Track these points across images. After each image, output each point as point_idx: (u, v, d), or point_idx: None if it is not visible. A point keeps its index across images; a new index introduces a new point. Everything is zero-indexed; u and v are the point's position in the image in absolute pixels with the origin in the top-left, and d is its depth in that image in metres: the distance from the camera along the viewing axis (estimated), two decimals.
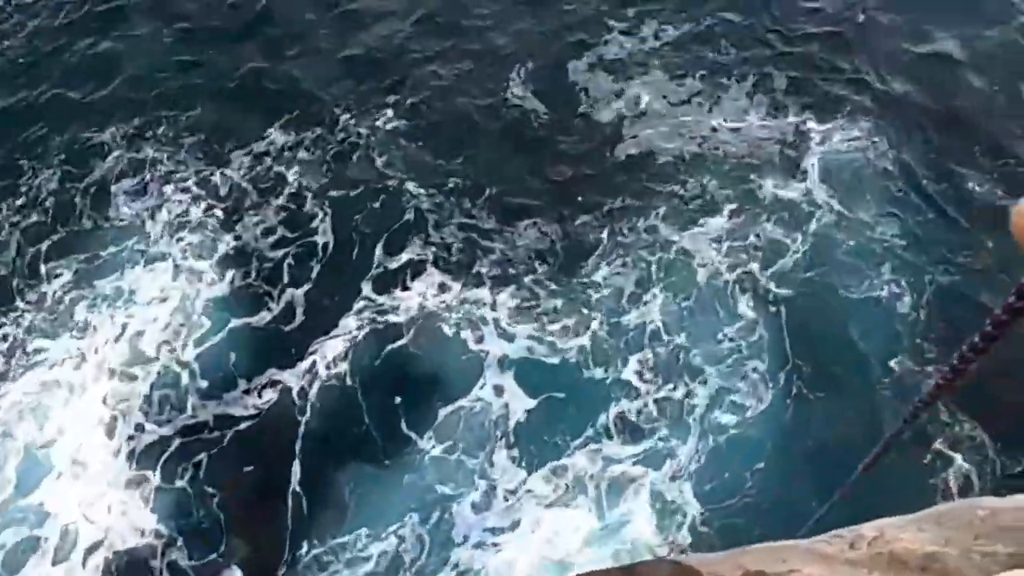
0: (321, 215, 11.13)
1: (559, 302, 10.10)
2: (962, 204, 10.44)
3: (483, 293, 10.28)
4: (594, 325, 9.86)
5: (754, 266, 10.20)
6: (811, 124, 11.50)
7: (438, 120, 11.99)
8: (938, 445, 8.61)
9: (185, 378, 9.80)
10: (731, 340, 9.63)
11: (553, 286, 10.28)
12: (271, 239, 10.95)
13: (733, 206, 10.80)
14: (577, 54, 12.60)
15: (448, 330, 9.97)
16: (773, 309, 9.83)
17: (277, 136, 11.90)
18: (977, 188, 10.61)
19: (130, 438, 9.44)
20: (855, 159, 11.07)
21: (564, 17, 13.16)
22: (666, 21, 12.94)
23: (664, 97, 12.07)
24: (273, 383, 9.67)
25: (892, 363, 9.23)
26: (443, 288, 10.40)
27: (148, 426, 9.52)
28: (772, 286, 10.02)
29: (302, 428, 9.33)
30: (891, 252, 10.10)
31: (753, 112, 11.75)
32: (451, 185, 11.24)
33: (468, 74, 12.48)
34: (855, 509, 3.13)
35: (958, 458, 8.54)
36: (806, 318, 9.74)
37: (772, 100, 11.88)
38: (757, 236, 10.44)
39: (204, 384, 9.78)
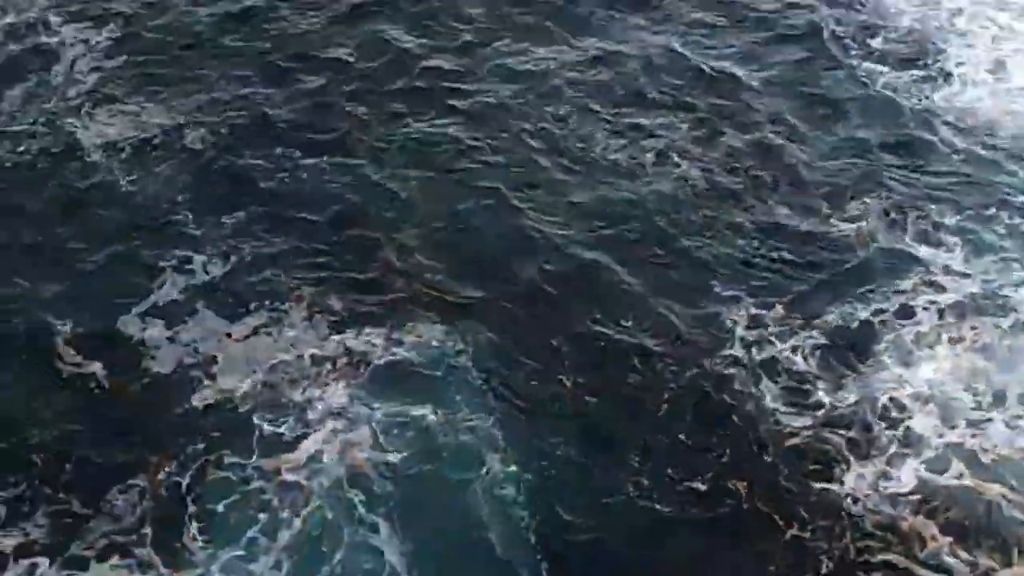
0: None
1: (197, 571, 9.51)
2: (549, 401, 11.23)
3: None
4: None
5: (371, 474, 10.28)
6: (372, 337, 11.83)
7: None
8: None
9: None
10: None
11: (168, 560, 9.64)
12: None
13: (312, 421, 10.84)
14: (125, 308, 12.13)
15: None
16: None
17: None
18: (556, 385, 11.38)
19: None
20: (425, 359, 11.57)
21: (106, 272, 12.71)
22: (215, 255, 12.92)
23: (226, 336, 11.88)
24: None
25: None
26: None
27: None
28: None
29: None
30: (489, 444, 10.68)
31: (314, 334, 11.89)
32: (26, 479, 10.31)
33: (13, 351, 11.64)
34: None
35: None
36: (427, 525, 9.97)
37: (332, 320, 12.07)
38: (368, 450, 10.56)
39: None
